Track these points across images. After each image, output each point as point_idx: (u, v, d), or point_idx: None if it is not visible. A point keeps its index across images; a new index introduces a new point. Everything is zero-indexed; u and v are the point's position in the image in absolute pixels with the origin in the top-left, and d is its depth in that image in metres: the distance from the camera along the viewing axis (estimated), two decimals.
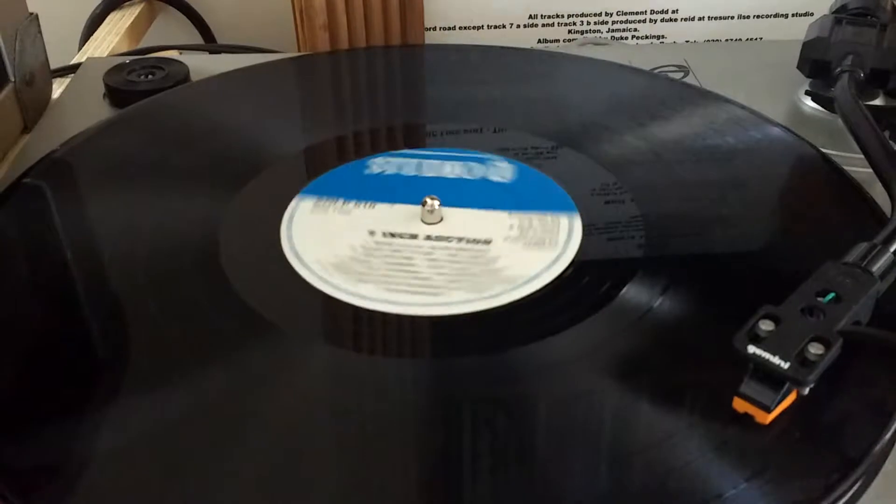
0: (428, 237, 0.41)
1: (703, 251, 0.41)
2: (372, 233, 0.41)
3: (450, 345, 0.36)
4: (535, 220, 0.41)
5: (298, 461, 0.30)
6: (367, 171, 0.46)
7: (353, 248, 0.40)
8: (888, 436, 0.30)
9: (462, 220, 0.42)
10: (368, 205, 0.43)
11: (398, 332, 0.36)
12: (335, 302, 0.37)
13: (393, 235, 0.41)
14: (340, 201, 0.43)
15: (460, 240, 0.41)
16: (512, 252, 0.40)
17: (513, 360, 0.34)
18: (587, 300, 0.37)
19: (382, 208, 0.43)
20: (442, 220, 0.42)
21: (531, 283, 0.38)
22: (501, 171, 0.45)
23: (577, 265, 0.39)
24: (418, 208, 0.42)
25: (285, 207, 0.43)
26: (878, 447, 0.30)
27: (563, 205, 0.43)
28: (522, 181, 0.45)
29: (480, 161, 0.46)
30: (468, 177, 0.45)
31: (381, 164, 0.46)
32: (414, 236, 0.41)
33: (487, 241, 0.40)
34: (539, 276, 0.38)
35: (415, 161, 0.46)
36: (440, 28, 0.66)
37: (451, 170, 0.46)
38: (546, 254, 0.39)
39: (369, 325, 0.37)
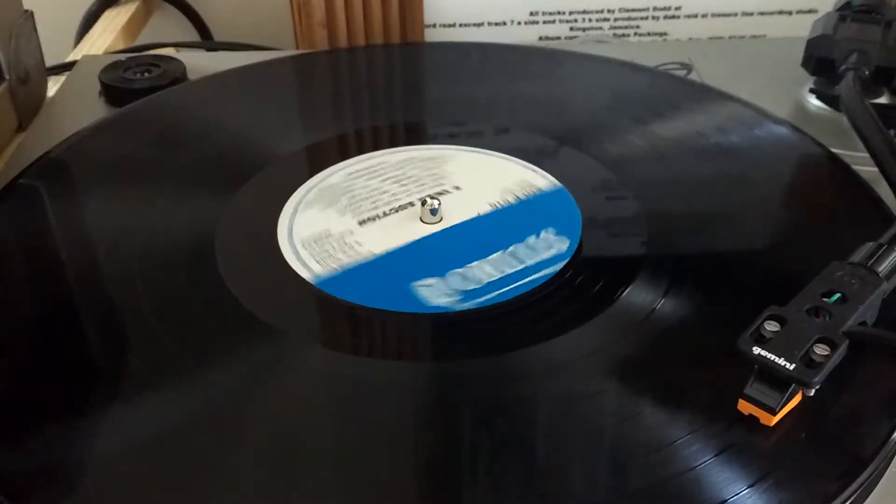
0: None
1: (706, 251, 0.40)
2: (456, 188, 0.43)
3: (450, 346, 0.36)
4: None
5: (297, 462, 0.30)
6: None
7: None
8: (895, 437, 0.30)
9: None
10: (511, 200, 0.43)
11: (398, 333, 0.36)
12: (334, 302, 0.37)
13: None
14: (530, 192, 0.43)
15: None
16: None
17: (514, 361, 0.34)
18: (589, 301, 0.37)
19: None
20: (442, 220, 0.42)
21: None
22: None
23: (579, 266, 0.39)
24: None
25: (283, 207, 0.43)
26: (884, 449, 0.30)
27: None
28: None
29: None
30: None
31: (546, 238, 0.41)
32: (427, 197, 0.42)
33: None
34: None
35: (530, 259, 0.40)
36: (440, 25, 0.66)
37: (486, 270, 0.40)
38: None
39: (368, 326, 0.36)
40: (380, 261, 0.39)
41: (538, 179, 0.45)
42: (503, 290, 0.37)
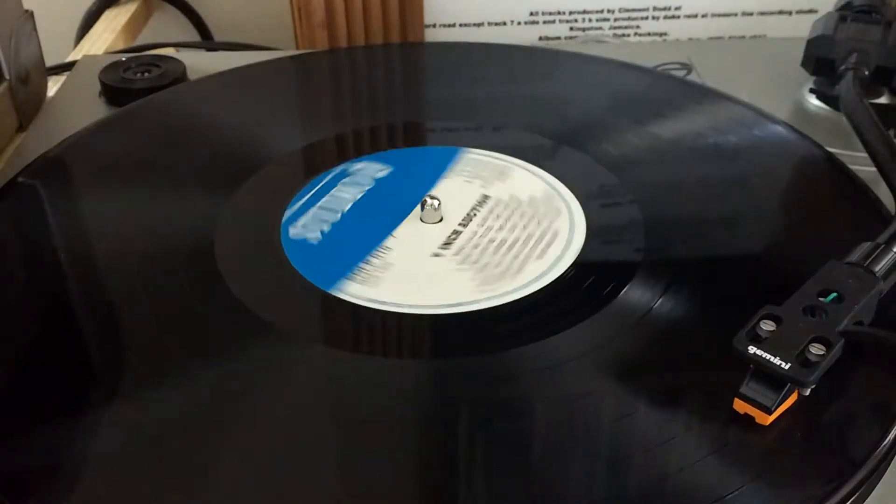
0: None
1: (703, 250, 0.40)
2: (436, 255, 0.40)
3: (449, 345, 0.36)
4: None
5: (296, 463, 0.30)
6: (299, 239, 0.41)
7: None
8: (891, 437, 0.30)
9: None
10: (383, 249, 0.40)
11: (397, 333, 0.36)
12: (334, 301, 0.37)
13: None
14: (366, 266, 0.40)
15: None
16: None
17: (512, 361, 0.34)
18: (587, 300, 0.37)
19: (396, 239, 0.41)
20: (442, 220, 0.42)
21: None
22: (368, 171, 0.45)
23: (577, 265, 0.39)
24: (416, 213, 0.42)
25: (283, 206, 0.43)
26: (880, 449, 0.30)
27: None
28: (399, 164, 0.46)
29: (343, 175, 0.45)
30: (367, 186, 0.44)
31: (300, 231, 0.41)
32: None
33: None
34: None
35: (313, 211, 0.43)
36: (440, 25, 0.66)
37: (348, 194, 0.44)
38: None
39: (368, 325, 0.36)
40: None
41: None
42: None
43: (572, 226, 0.41)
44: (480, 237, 0.40)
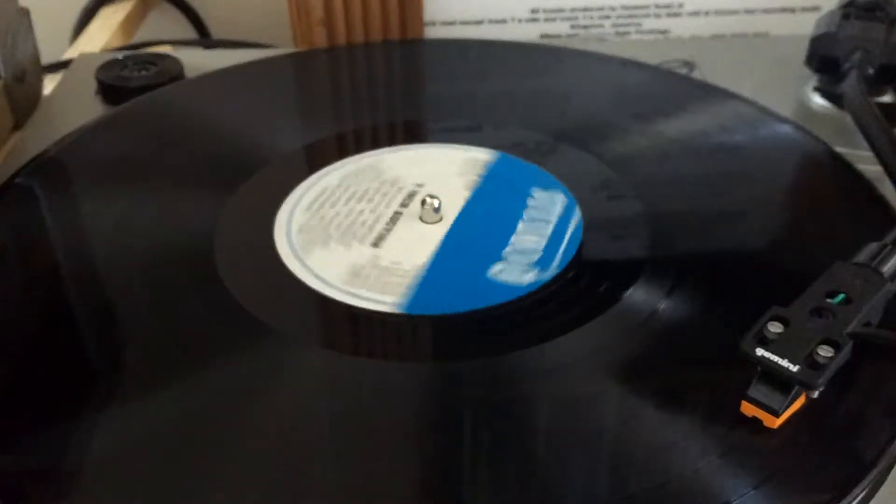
0: (396, 212, 0.42)
1: (709, 251, 0.40)
2: (419, 185, 0.43)
3: (451, 347, 0.35)
4: (403, 279, 0.38)
5: (296, 463, 0.30)
6: (530, 188, 0.43)
7: (408, 175, 0.43)
8: None
9: (422, 232, 0.41)
10: (473, 183, 0.44)
11: (398, 334, 0.36)
12: (332, 303, 0.37)
13: (409, 195, 0.43)
14: (479, 175, 0.44)
15: (385, 226, 0.41)
16: (344, 256, 0.40)
17: (514, 362, 0.34)
18: (591, 302, 0.36)
19: (461, 195, 0.43)
20: (441, 220, 0.41)
21: (314, 281, 0.38)
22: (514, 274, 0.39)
23: (580, 266, 0.38)
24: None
25: (282, 206, 0.42)
26: (889, 451, 0.30)
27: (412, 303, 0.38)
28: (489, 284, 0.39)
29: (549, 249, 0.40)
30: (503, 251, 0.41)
31: (542, 198, 0.42)
32: (402, 205, 0.42)
33: (375, 245, 0.40)
34: (324, 282, 0.38)
35: (552, 214, 0.42)
36: (440, 23, 0.65)
37: (526, 239, 0.41)
38: (341, 278, 0.38)
39: (368, 327, 0.36)
40: (434, 268, 0.39)
41: (478, 153, 0.46)
42: (563, 249, 0.40)
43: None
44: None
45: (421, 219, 0.41)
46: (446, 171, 0.45)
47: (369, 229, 0.41)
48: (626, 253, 0.40)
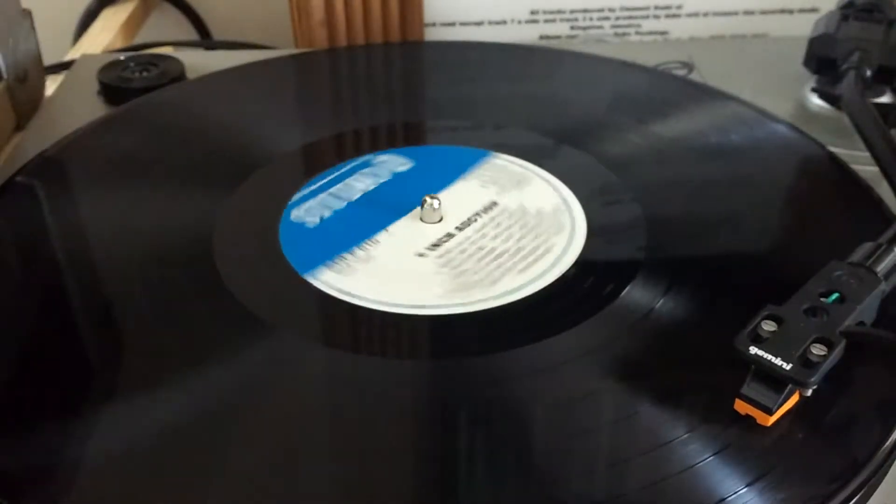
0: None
1: (705, 250, 0.40)
2: (420, 255, 0.40)
3: (449, 346, 0.36)
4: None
5: (297, 461, 0.30)
6: (298, 223, 0.42)
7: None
8: (893, 438, 0.30)
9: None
10: (372, 242, 0.41)
11: (396, 333, 0.36)
12: (332, 301, 0.37)
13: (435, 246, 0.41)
14: (348, 257, 0.40)
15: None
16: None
17: (512, 361, 0.34)
18: (588, 301, 0.36)
19: (388, 234, 0.41)
20: (441, 219, 0.42)
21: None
22: (390, 164, 0.45)
23: (578, 265, 0.39)
24: (416, 211, 0.42)
25: (282, 206, 0.42)
26: (883, 450, 0.30)
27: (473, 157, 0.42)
28: (422, 161, 0.46)
29: (364, 165, 0.45)
30: (383, 179, 0.44)
31: (301, 215, 0.42)
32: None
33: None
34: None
35: (321, 197, 0.43)
36: (440, 24, 0.65)
37: (362, 184, 0.44)
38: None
39: (367, 325, 0.36)
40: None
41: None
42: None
43: (568, 244, 0.40)
44: (472, 243, 0.40)
45: (422, 219, 0.41)
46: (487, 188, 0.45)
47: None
48: (624, 252, 0.40)
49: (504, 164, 0.46)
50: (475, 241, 0.40)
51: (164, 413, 0.32)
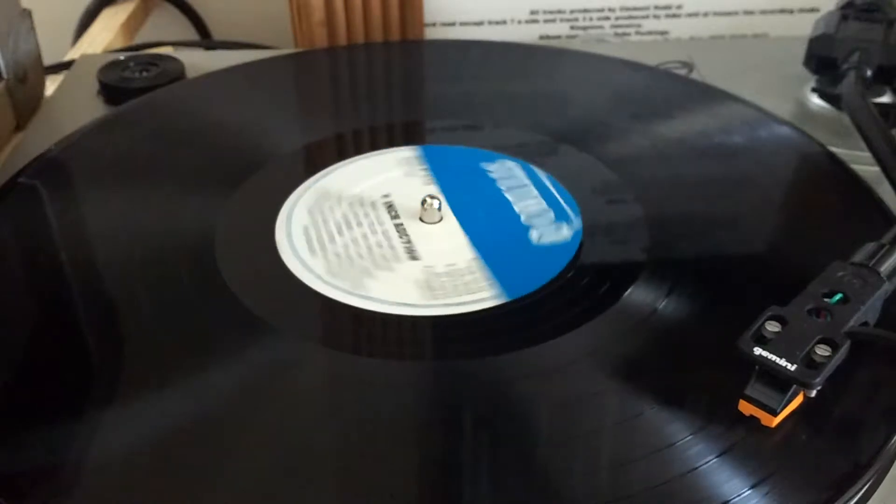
0: (398, 225, 0.41)
1: (707, 251, 0.40)
2: (385, 196, 0.43)
3: (450, 347, 0.35)
4: (471, 277, 0.38)
5: (297, 462, 0.30)
6: (482, 165, 0.46)
7: (357, 193, 0.43)
8: None
9: (440, 234, 0.41)
10: (429, 181, 0.44)
11: (398, 334, 0.36)
12: (332, 303, 0.37)
13: (389, 207, 0.42)
14: (424, 168, 0.45)
15: (406, 242, 0.41)
16: (403, 277, 0.38)
17: (514, 363, 0.34)
18: (590, 302, 0.36)
19: (430, 190, 0.44)
20: (441, 220, 0.42)
21: (368, 301, 0.37)
22: (552, 233, 0.41)
23: (580, 266, 0.39)
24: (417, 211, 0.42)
25: (283, 205, 0.42)
26: (887, 450, 0.30)
27: (513, 286, 0.38)
28: (543, 251, 0.40)
29: (558, 215, 0.42)
30: (522, 219, 0.42)
31: (498, 167, 0.46)
32: (394, 217, 0.42)
33: (415, 258, 0.39)
34: (381, 302, 0.37)
35: (523, 181, 0.45)
36: (440, 24, 0.65)
37: (527, 205, 0.43)
38: (415, 297, 0.37)
39: (369, 327, 0.36)
40: (488, 257, 0.40)
41: (404, 152, 0.47)
42: (562, 199, 0.43)
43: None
44: None
45: (421, 220, 0.41)
46: (393, 175, 0.45)
47: (392, 247, 0.40)
48: (626, 253, 0.40)
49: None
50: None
51: (165, 413, 0.32)
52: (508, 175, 0.45)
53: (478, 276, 0.38)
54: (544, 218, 0.42)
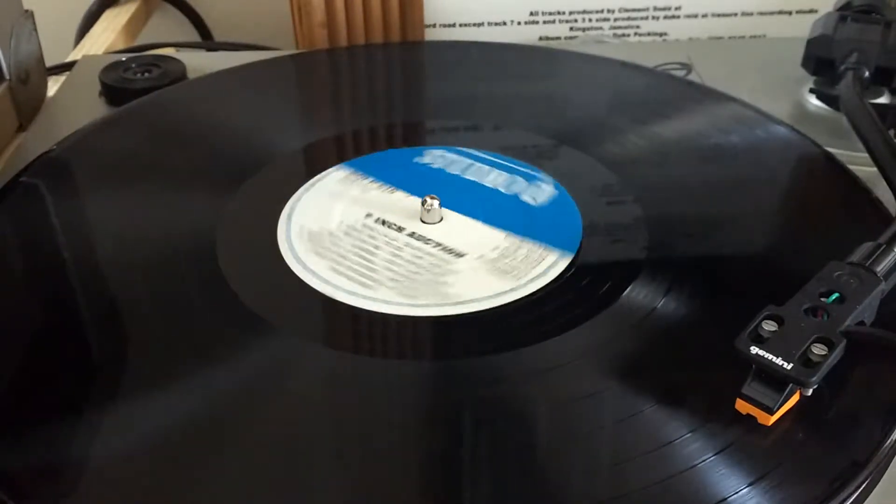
0: (412, 234, 0.41)
1: (705, 251, 0.40)
2: (368, 215, 0.42)
3: (451, 346, 0.36)
4: (524, 249, 0.40)
5: (298, 461, 0.30)
6: (416, 160, 0.46)
7: (339, 224, 0.41)
8: (894, 437, 0.30)
9: (456, 228, 0.41)
10: (389, 189, 0.44)
11: (398, 333, 0.36)
12: (333, 303, 0.37)
13: (383, 223, 0.41)
14: (369, 180, 0.45)
15: (437, 245, 0.40)
16: (472, 272, 0.38)
17: (514, 362, 0.34)
18: (590, 301, 0.36)
19: (399, 196, 0.43)
20: (441, 219, 0.42)
21: (466, 304, 0.37)
22: (540, 192, 0.44)
23: (579, 266, 0.39)
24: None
25: (284, 205, 0.43)
26: (883, 449, 0.30)
27: (566, 243, 0.40)
28: (550, 208, 0.43)
29: (527, 177, 0.45)
30: (503, 191, 0.44)
31: (433, 157, 0.46)
32: (400, 229, 0.41)
33: (460, 255, 0.39)
34: (479, 300, 0.37)
35: (466, 161, 0.46)
36: (440, 25, 0.66)
37: (493, 178, 0.45)
38: (503, 283, 0.38)
39: (369, 325, 0.36)
40: (527, 233, 0.41)
41: (340, 172, 0.46)
42: (520, 166, 0.45)
43: (555, 263, 0.39)
44: None
45: (423, 221, 0.42)
46: (353, 194, 0.44)
47: (430, 254, 0.40)
48: (625, 253, 0.40)
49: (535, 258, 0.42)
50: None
51: (166, 412, 0.32)
52: (449, 162, 0.46)
53: (531, 248, 0.39)
54: (519, 184, 0.44)
